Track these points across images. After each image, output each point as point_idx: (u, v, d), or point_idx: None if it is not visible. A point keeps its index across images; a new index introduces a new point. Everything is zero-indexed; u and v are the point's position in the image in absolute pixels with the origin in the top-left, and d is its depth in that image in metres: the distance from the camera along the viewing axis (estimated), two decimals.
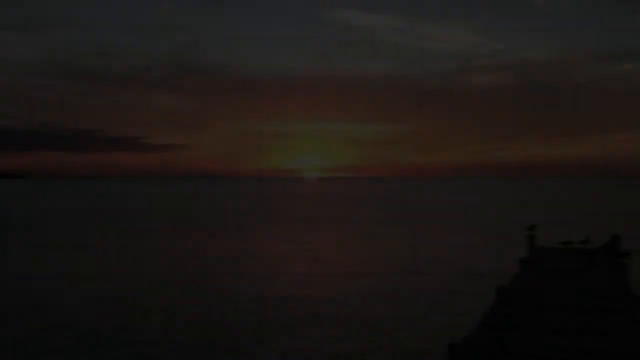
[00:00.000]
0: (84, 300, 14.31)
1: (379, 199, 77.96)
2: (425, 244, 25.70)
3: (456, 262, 20.17)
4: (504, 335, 7.23)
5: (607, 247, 15.10)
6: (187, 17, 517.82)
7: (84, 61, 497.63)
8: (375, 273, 18.13)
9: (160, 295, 14.95)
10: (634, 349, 6.61)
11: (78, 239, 28.65)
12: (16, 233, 32.12)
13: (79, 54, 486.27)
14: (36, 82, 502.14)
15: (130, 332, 11.29)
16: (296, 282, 16.71)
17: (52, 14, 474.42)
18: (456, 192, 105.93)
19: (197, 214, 46.70)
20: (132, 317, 12.56)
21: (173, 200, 77.41)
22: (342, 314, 12.70)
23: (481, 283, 15.89)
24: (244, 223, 37.71)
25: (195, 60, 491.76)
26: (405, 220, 39.76)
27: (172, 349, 10.17)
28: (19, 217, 43.93)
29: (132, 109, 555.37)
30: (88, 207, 58.92)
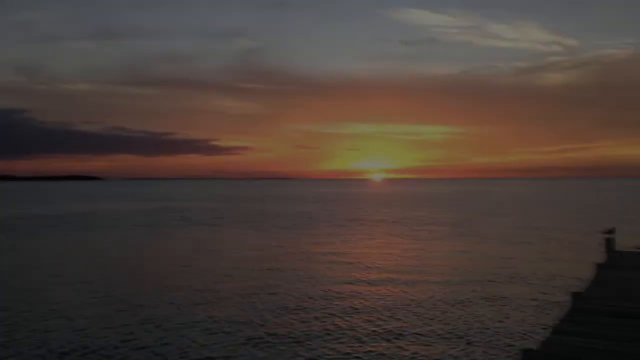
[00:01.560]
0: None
1: (446, 200, 76.85)
2: (498, 248, 25.26)
3: (528, 266, 19.75)
4: (580, 341, 7.17)
5: None
6: (253, 23, 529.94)
7: (157, 68, 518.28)
8: (448, 279, 18.02)
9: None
10: None
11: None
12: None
13: (153, 61, 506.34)
14: (114, 89, 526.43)
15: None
16: (367, 287, 16.88)
17: (129, 25, 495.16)
18: (526, 194, 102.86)
19: (270, 215, 47.63)
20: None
21: (245, 200, 79.11)
22: (411, 321, 12.80)
23: (556, 288, 15.56)
24: (314, 224, 38.14)
25: (260, 64, 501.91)
26: (478, 221, 39.10)
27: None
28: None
29: (202, 113, 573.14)
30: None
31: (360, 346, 10.61)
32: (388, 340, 10.95)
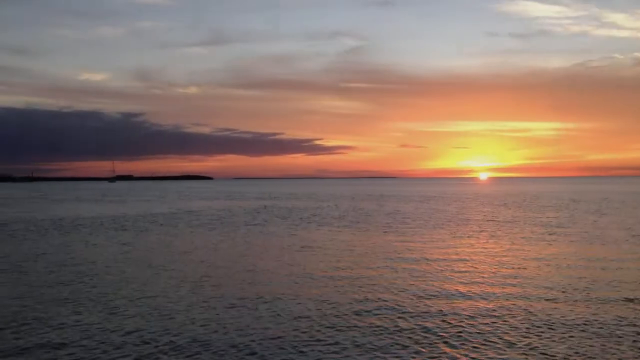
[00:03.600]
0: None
1: (562, 199, 72.45)
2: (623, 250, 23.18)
3: None
4: None
5: None
6: (357, 21, 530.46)
7: (263, 70, 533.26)
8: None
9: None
10: None
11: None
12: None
13: (259, 64, 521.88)
14: (223, 92, 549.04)
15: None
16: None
17: (237, 30, 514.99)
18: None
19: (372, 214, 47.20)
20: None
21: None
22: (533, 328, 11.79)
23: None
24: (418, 223, 37.22)
25: (364, 63, 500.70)
26: (595, 222, 36.34)
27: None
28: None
29: (306, 113, 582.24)
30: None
31: None
32: None
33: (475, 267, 19.56)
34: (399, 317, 12.75)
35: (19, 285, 16.78)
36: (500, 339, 11.04)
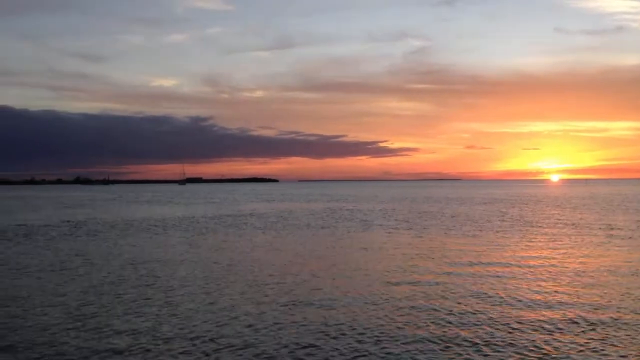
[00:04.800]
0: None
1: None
2: None
3: None
4: None
5: None
6: (420, 22, 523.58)
7: (327, 73, 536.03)
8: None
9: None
10: None
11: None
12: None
13: (323, 67, 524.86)
14: (288, 95, 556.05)
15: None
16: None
17: (301, 33, 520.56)
18: None
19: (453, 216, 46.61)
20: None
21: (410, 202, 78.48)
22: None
23: None
24: (485, 226, 36.46)
25: (429, 64, 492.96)
26: None
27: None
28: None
29: (371, 115, 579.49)
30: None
31: None
32: None
33: (548, 273, 19.01)
34: (461, 325, 12.61)
35: (89, 281, 17.71)
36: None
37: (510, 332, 11.64)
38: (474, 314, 13.19)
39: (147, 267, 20.68)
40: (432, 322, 12.47)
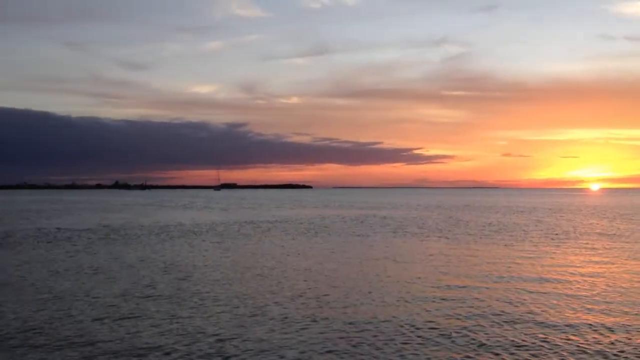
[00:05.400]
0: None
1: None
2: None
3: None
4: None
5: None
6: (458, 28, 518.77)
7: (363, 80, 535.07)
8: None
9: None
10: None
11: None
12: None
13: (358, 73, 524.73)
14: (323, 101, 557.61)
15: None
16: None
17: (337, 40, 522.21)
18: None
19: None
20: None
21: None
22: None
23: None
24: (523, 236, 35.95)
25: (466, 70, 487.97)
26: None
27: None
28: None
29: (406, 122, 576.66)
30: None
31: None
32: None
33: (588, 288, 18.67)
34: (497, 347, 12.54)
35: (126, 283, 18.20)
36: None
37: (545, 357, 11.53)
38: (503, 337, 13.10)
39: (181, 271, 21.14)
40: (458, 335, 12.46)
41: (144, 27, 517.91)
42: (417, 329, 12.60)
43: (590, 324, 12.96)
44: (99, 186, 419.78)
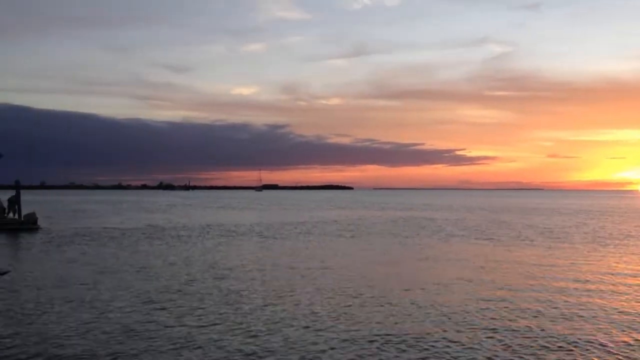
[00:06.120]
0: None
1: None
2: None
3: None
4: None
5: None
6: (501, 27, 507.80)
7: (403, 80, 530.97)
8: None
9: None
10: None
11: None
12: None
13: (399, 74, 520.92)
14: (364, 102, 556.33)
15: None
16: None
17: (377, 41, 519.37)
18: None
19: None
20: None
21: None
22: None
23: None
24: (574, 239, 35.10)
25: (509, 70, 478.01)
26: None
27: None
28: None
29: (448, 123, 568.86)
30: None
31: None
32: None
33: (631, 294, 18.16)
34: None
35: (167, 281, 18.59)
36: None
37: None
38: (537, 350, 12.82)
39: (221, 269, 21.46)
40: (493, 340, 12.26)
41: (186, 30, 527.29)
42: (459, 331, 12.47)
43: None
44: (144, 187, 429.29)
